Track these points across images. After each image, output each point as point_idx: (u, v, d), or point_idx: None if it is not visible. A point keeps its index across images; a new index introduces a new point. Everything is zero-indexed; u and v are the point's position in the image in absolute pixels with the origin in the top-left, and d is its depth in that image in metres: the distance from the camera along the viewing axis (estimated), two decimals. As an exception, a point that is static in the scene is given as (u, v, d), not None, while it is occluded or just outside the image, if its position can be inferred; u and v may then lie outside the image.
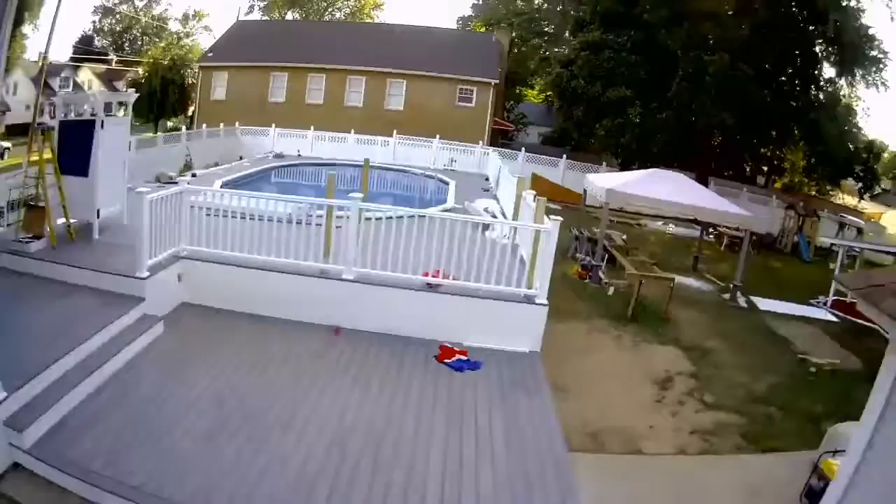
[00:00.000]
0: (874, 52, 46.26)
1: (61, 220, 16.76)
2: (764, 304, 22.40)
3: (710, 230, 32.47)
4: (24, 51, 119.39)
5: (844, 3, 44.47)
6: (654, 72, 43.16)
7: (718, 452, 11.61)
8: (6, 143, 66.01)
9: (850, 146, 49.70)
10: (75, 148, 16.86)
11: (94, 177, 16.79)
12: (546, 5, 73.64)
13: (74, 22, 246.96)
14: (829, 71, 49.46)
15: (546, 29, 73.37)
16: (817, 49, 47.48)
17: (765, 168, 58.17)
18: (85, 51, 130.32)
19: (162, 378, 11.23)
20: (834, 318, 22.35)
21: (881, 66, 46.73)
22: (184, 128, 39.57)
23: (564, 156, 43.15)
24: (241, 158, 40.08)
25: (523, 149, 44.40)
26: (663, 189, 22.42)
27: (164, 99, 54.50)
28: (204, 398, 10.56)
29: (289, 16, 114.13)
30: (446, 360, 12.10)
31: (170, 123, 63.40)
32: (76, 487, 8.53)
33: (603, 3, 46.51)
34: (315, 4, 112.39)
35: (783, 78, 47.15)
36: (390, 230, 13.26)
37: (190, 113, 57.42)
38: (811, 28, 45.41)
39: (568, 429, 11.25)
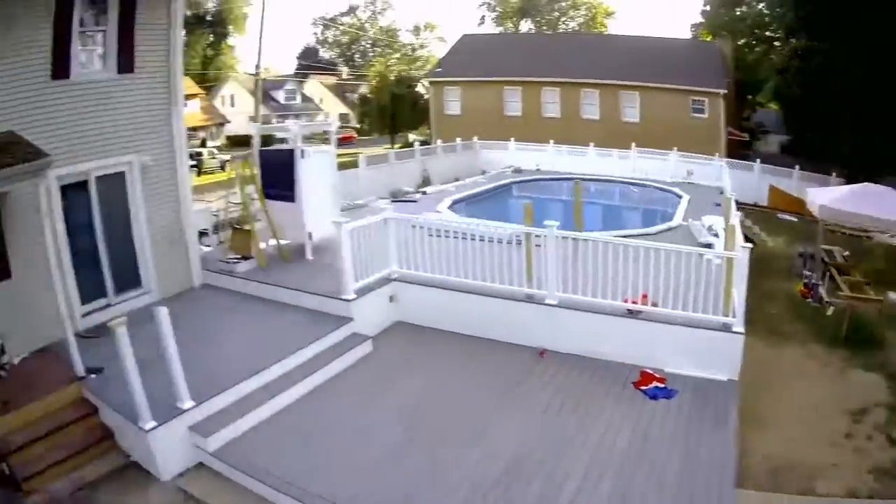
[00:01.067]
0: None
1: (272, 242, 18.75)
2: None
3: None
4: (236, 62, 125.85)
5: None
6: (869, 79, 38.72)
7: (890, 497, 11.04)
8: (226, 156, 68.81)
9: None
10: (280, 175, 18.62)
11: (301, 202, 18.41)
12: (765, 10, 70.78)
13: (296, 34, 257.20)
14: None
15: (769, 34, 70.79)
16: None
17: None
18: (308, 64, 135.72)
19: (361, 393, 12.44)
20: None
21: None
22: (416, 143, 40.57)
23: (797, 167, 41.13)
24: (482, 173, 41.09)
25: (758, 160, 42.85)
26: (875, 205, 21.71)
27: (395, 113, 56.08)
28: (398, 413, 11.54)
29: (522, 27, 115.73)
30: (643, 387, 12.49)
31: (411, 137, 65.13)
32: (258, 488, 9.90)
33: (805, 8, 43.11)
34: (546, 14, 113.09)
35: None
36: (595, 253, 13.55)
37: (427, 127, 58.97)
38: None
39: (749, 463, 11.37)
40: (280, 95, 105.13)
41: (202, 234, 19.91)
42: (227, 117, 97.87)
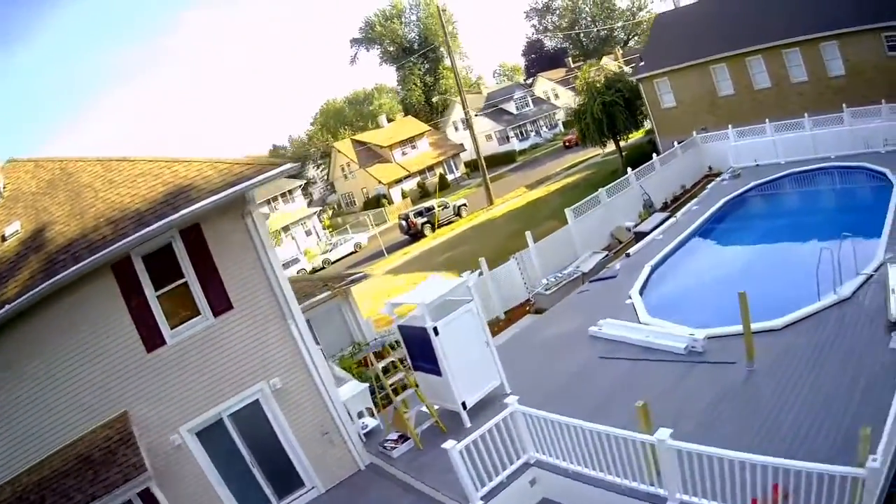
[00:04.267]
0: None
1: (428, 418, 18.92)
2: None
3: None
4: (468, 83, 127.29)
5: None
6: None
7: None
8: (461, 200, 68.51)
9: None
10: (422, 350, 18.23)
11: (447, 375, 17.83)
12: None
13: (514, 30, 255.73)
14: None
15: None
16: None
17: None
18: (534, 58, 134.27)
19: None
20: None
21: None
22: (630, 170, 38.24)
23: None
24: (709, 170, 40.23)
25: None
26: None
27: (612, 121, 54.11)
28: None
29: None
30: None
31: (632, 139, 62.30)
32: None
33: None
34: None
35: None
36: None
37: (647, 126, 56.51)
38: None
39: None
40: (511, 106, 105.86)
41: (361, 414, 20.40)
42: (462, 145, 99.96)
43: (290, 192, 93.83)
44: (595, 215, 33.93)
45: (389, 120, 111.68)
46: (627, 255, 29.56)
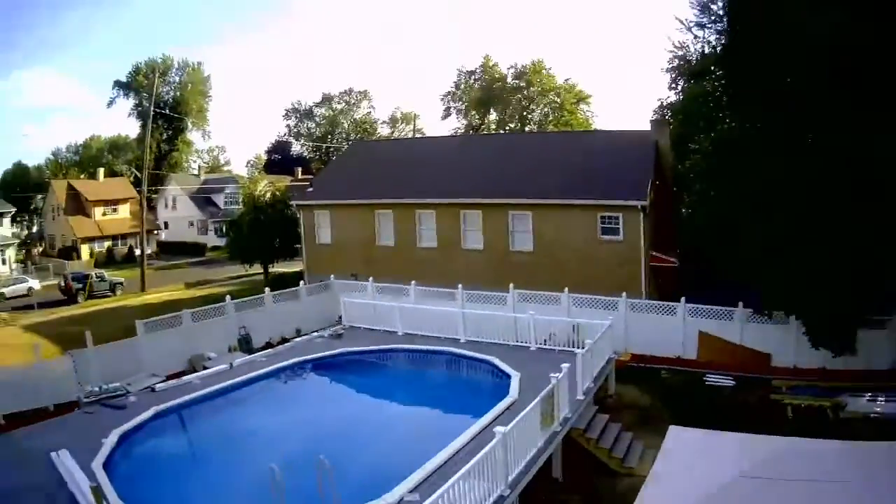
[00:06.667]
0: None
1: None
2: None
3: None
4: (187, 161, 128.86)
5: None
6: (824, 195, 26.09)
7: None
8: (120, 279, 67.96)
9: None
10: None
11: None
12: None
13: (270, 124, 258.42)
14: None
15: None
16: None
17: None
18: (280, 159, 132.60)
19: None
20: None
21: None
22: (228, 297, 34.49)
23: (741, 304, 31.24)
24: (339, 319, 35.85)
25: (683, 299, 32.50)
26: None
27: (256, 241, 53.19)
28: None
29: (492, 115, 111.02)
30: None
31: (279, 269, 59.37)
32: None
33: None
34: (513, 104, 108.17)
35: None
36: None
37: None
38: None
39: None
40: (220, 199, 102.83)
41: None
42: (162, 222, 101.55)
43: (1, 214, 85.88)
44: (175, 335, 31.26)
45: (109, 174, 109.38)
46: (152, 390, 26.32)
